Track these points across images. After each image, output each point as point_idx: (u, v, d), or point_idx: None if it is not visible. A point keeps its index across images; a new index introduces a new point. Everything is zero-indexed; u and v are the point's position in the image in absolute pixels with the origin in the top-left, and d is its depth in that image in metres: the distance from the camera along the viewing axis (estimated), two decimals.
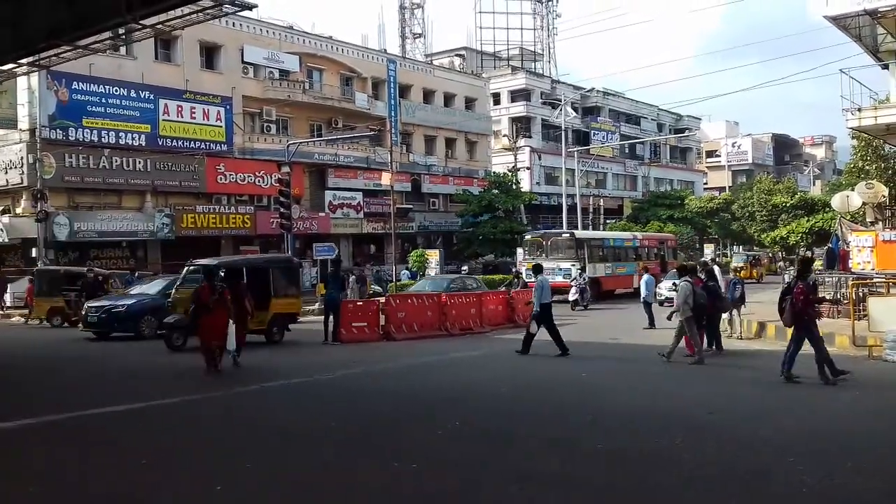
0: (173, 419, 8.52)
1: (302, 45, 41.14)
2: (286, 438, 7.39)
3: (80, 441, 7.45)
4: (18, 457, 6.81)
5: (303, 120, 41.04)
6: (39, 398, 9.98)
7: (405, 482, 5.87)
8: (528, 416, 8.60)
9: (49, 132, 30.21)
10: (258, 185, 37.13)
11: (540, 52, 70.29)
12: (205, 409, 9.18)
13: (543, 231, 37.27)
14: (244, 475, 6.03)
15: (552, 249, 31.21)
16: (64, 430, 7.91)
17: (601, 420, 8.25)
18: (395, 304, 18.28)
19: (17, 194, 31.17)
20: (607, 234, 41.07)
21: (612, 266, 32.91)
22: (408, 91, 47.86)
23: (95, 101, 31.65)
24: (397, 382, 11.58)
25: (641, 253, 35.36)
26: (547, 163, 57.35)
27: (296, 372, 12.35)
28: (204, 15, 15.51)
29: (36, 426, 8.00)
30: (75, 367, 13.81)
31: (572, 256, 29.88)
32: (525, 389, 10.74)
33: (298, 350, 16.14)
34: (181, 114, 34.64)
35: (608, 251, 33.63)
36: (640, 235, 38.20)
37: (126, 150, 32.48)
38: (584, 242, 31.88)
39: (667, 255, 36.73)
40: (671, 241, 39.70)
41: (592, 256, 31.12)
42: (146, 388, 10.62)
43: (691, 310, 12.88)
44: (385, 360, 14.17)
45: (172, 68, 34.92)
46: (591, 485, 5.82)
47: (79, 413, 8.62)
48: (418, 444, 7.13)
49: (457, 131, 51.00)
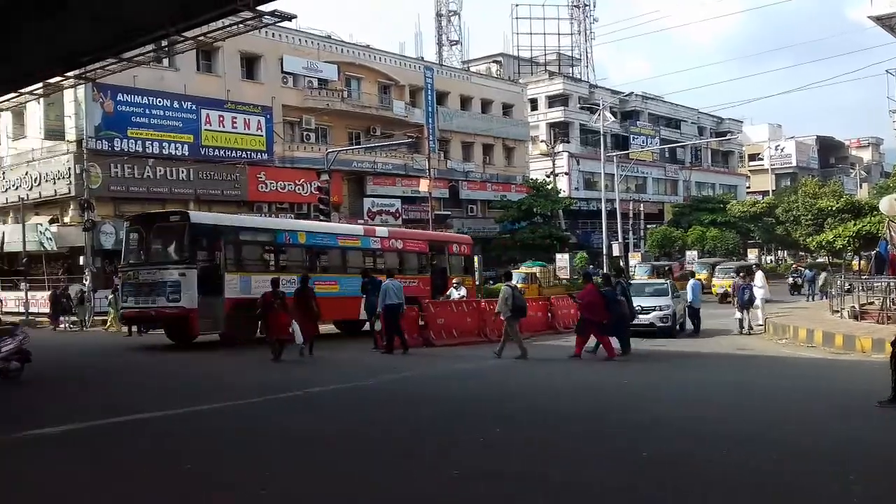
0: (214, 424, 8.59)
1: (340, 55, 41.51)
2: (327, 445, 7.39)
3: (129, 444, 7.54)
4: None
5: (341, 128, 41.38)
6: (119, 400, 10.15)
7: (446, 489, 5.81)
8: (567, 422, 8.48)
9: (95, 143, 30.93)
10: (298, 193, 37.50)
11: (577, 56, 69.92)
12: (246, 412, 9.23)
13: (148, 213, 22.35)
14: (288, 480, 6.03)
15: (156, 243, 18.62)
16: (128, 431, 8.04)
17: (652, 427, 8.11)
18: (435, 311, 18.25)
19: (65, 204, 31.92)
20: (291, 224, 23.92)
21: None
22: (445, 98, 47.93)
23: (139, 112, 32.32)
24: (437, 389, 11.54)
25: (389, 260, 22.28)
26: (586, 168, 56.96)
27: (338, 378, 12.43)
28: (244, 26, 15.69)
29: (99, 427, 8.13)
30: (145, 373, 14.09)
31: (185, 257, 17.39)
32: (564, 396, 10.63)
33: (340, 356, 16.20)
34: (223, 124, 35.20)
35: (290, 252, 20.34)
36: (384, 233, 23.75)
37: (169, 160, 33.07)
38: (212, 233, 18.05)
39: (453, 265, 24.70)
40: (465, 245, 26.10)
41: (241, 258, 18.71)
42: (190, 393, 10.74)
43: (511, 310, 14.83)
44: (424, 366, 14.17)
45: (214, 79, 35.48)
46: (637, 493, 5.71)
47: (135, 416, 8.76)
48: (460, 451, 7.07)
49: (494, 137, 50.91)
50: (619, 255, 44.55)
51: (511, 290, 15.32)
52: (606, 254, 43.81)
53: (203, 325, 17.19)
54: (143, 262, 18.25)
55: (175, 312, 16.85)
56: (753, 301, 20.25)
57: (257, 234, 19.87)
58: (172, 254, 17.87)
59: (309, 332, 15.27)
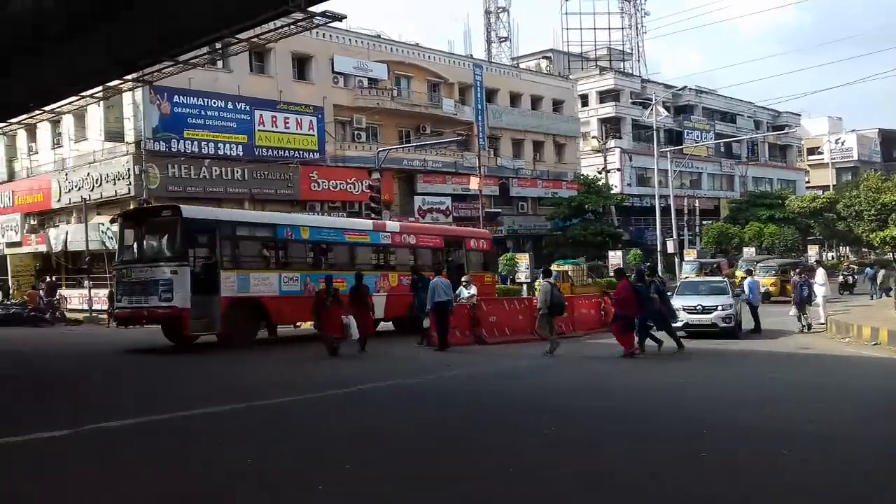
0: (272, 419, 8.67)
1: (390, 54, 41.71)
2: (382, 440, 7.39)
3: (182, 437, 7.66)
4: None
5: (392, 127, 41.59)
6: (163, 397, 10.36)
7: (497, 487, 5.75)
8: (618, 421, 8.32)
9: (153, 144, 31.69)
10: (350, 191, 37.81)
11: (629, 51, 68.92)
12: (297, 410, 9.30)
13: (140, 208, 22.65)
14: (344, 476, 6.04)
15: (148, 240, 17.77)
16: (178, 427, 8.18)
17: (704, 430, 7.90)
18: (487, 308, 18.18)
19: (125, 204, 32.67)
20: (293, 218, 22.61)
21: (310, 276, 18.31)
22: (494, 95, 47.75)
23: (195, 113, 32.98)
24: (489, 386, 11.48)
25: (401, 256, 21.72)
26: (638, 163, 56.17)
27: (393, 374, 12.49)
28: (296, 27, 15.85)
29: (155, 423, 8.29)
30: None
31: (177, 254, 16.42)
32: (616, 395, 10.46)
33: (391, 353, 16.26)
34: (275, 124, 35.69)
35: (292, 248, 19.09)
36: (395, 227, 22.50)
37: (225, 160, 33.67)
38: (207, 228, 17.13)
39: (471, 261, 23.32)
40: (484, 240, 24.91)
41: (238, 255, 17.52)
42: (245, 389, 10.88)
43: (548, 307, 15.06)
44: (476, 363, 14.12)
45: (266, 80, 36.00)
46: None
47: (192, 412, 8.90)
48: (513, 450, 6.99)
49: (544, 134, 50.53)
50: (673, 252, 43.78)
51: (550, 287, 15.36)
52: (661, 251, 43.12)
53: (197, 326, 16.31)
54: (135, 259, 17.39)
55: (167, 312, 15.99)
56: (812, 299, 19.72)
57: (256, 230, 18.76)
58: (165, 251, 16.92)
59: (363, 329, 15.42)
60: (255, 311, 17.22)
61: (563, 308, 15.84)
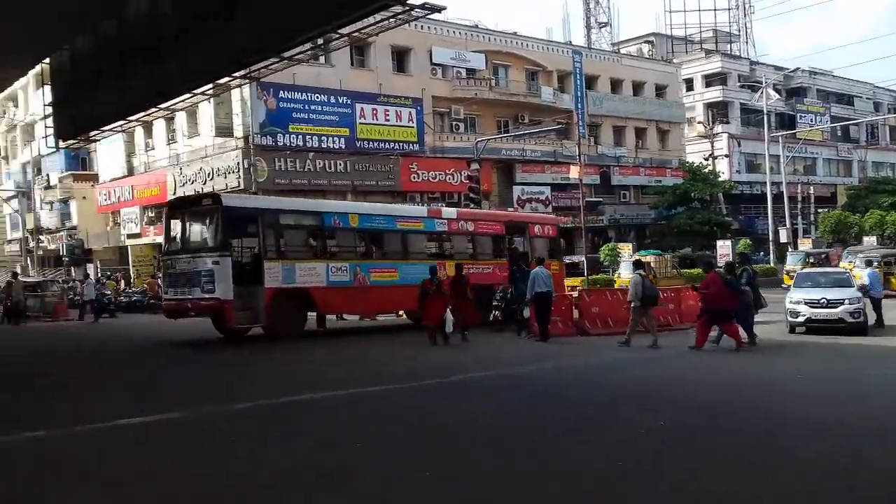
0: (365, 408, 8.80)
1: (487, 43, 41.61)
2: (485, 430, 7.37)
3: (284, 424, 7.88)
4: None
5: (490, 117, 41.52)
6: (264, 385, 10.72)
7: (612, 478, 5.62)
8: (728, 417, 7.99)
9: (260, 139, 32.87)
10: (449, 182, 38.04)
11: (735, 32, 66.12)
12: (394, 399, 9.39)
13: (183, 197, 22.56)
14: (448, 464, 6.05)
15: (191, 230, 17.38)
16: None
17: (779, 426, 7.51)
18: (590, 299, 17.88)
19: None
20: (340, 205, 22.40)
21: (360, 266, 17.93)
22: (594, 82, 46.90)
23: (299, 108, 33.97)
24: (593, 378, 11.28)
25: (458, 244, 20.84)
26: (747, 149, 53.95)
27: (494, 365, 12.47)
28: (396, 20, 15.98)
29: (245, 410, 8.58)
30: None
31: (219, 244, 15.91)
32: (724, 389, 10.07)
33: (492, 343, 16.26)
34: (376, 116, 36.32)
35: (341, 237, 18.45)
36: (452, 214, 21.29)
37: (328, 153, 34.57)
38: (249, 218, 16.77)
39: (536, 248, 21.44)
40: (550, 226, 23.54)
41: (283, 244, 17.06)
42: (341, 377, 11.10)
43: (640, 299, 14.68)
44: (579, 355, 13.92)
45: (366, 73, 36.64)
46: None
47: (297, 397, 9.18)
48: (619, 443, 6.83)
49: (647, 120, 49.23)
50: (786, 242, 41.85)
51: (641, 279, 15.03)
52: (773, 240, 41.32)
53: (240, 318, 15.85)
54: (179, 250, 17.00)
55: (210, 304, 15.59)
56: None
57: (301, 218, 18.12)
58: (207, 241, 16.45)
59: (464, 318, 15.59)
60: (302, 302, 16.81)
61: (656, 299, 15.38)
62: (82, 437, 7.28)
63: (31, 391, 10.62)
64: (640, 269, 15.86)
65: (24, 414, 8.56)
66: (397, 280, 18.14)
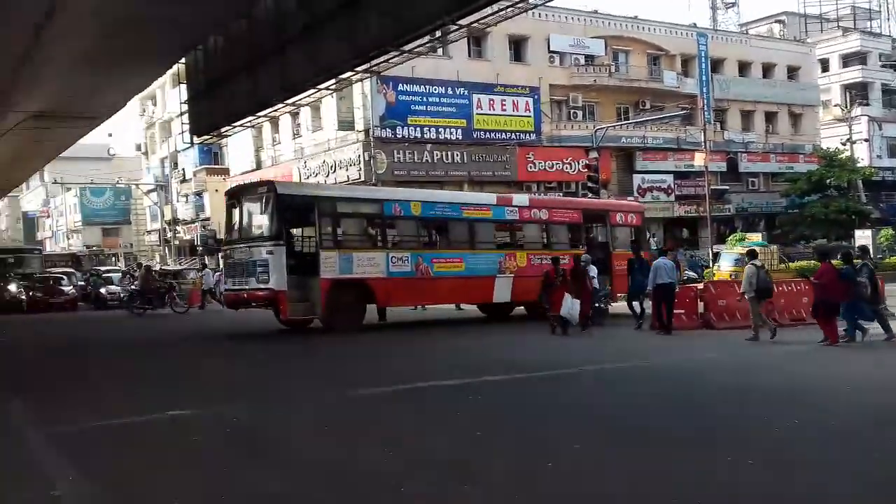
0: (494, 395, 8.81)
1: (607, 28, 40.76)
2: (602, 423, 7.23)
3: (419, 408, 8.02)
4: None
5: (609, 104, 40.67)
6: (388, 372, 11.00)
7: (735, 478, 5.38)
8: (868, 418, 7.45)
9: (380, 132, 33.60)
10: (566, 171, 37.59)
11: (876, 9, 61.58)
12: (519, 389, 9.36)
13: (241, 185, 21.82)
14: (572, 456, 5.97)
15: (247, 219, 16.92)
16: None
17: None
18: (716, 291, 17.18)
19: None
20: (402, 193, 20.58)
21: (422, 256, 17.21)
22: (720, 65, 45.06)
23: (418, 100, 34.49)
24: (724, 375, 10.83)
25: (530, 233, 19.77)
26: (890, 133, 50.36)
27: (615, 357, 12.22)
28: (514, 9, 15.88)
29: (389, 393, 8.80)
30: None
31: (273, 233, 15.49)
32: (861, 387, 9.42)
33: (614, 334, 15.99)
34: (493, 107, 36.35)
35: (402, 226, 17.83)
36: (523, 201, 20.26)
37: (445, 144, 34.95)
38: (304, 206, 16.23)
39: (617, 238, 20.58)
40: (633, 214, 22.00)
41: (340, 234, 16.45)
42: (468, 365, 11.17)
43: (754, 291, 14.03)
44: (703, 349, 13.41)
45: (483, 64, 36.69)
46: None
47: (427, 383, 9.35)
48: (756, 441, 6.51)
49: (778, 104, 46.82)
50: None
51: (756, 270, 14.34)
52: None
53: (295, 309, 15.49)
54: (238, 239, 16.71)
55: (265, 295, 15.32)
56: None
57: (360, 206, 17.50)
58: (261, 230, 15.94)
59: (584, 310, 15.53)
60: (360, 294, 16.26)
61: (770, 292, 14.67)
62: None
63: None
64: (756, 259, 15.17)
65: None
66: (463, 271, 17.58)
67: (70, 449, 6.29)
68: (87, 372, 11.61)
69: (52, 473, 5.50)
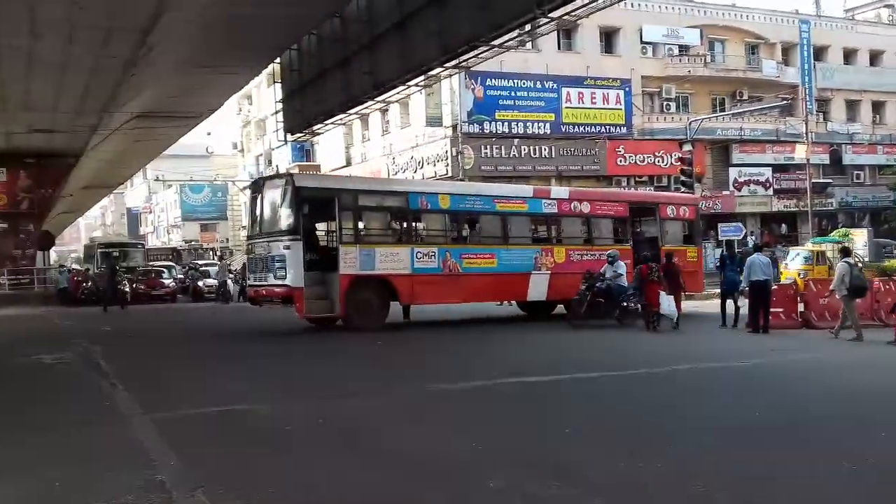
0: (588, 393, 8.69)
1: (702, 17, 39.59)
2: (713, 424, 7.01)
3: (506, 401, 7.99)
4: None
5: (703, 95, 39.51)
6: (483, 366, 11.02)
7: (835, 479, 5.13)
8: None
9: (468, 127, 33.65)
10: (658, 165, 36.74)
11: None
12: (612, 387, 9.20)
13: (262, 177, 20.24)
14: (668, 454, 5.81)
15: (266, 212, 16.12)
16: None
17: None
18: (817, 289, 16.42)
19: None
20: (429, 185, 20.54)
21: (450, 252, 16.43)
22: (824, 53, 43.09)
23: (506, 95, 34.36)
24: (820, 375, 10.36)
25: (569, 227, 18.70)
26: None
27: (705, 356, 11.88)
28: (607, 0, 15.61)
29: (476, 388, 8.81)
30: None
31: (290, 227, 14.87)
32: None
33: (704, 333, 15.55)
34: (582, 100, 35.85)
35: (429, 220, 17.14)
36: (562, 194, 19.39)
37: (532, 139, 34.69)
38: (323, 199, 15.59)
39: (668, 232, 19.66)
40: (686, 206, 20.66)
41: (362, 228, 15.99)
42: (558, 362, 11.05)
43: (847, 289, 13.56)
44: (802, 349, 12.88)
45: (573, 56, 36.24)
46: None
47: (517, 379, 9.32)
48: (855, 443, 6.19)
49: (887, 93, 44.42)
50: None
51: (849, 267, 13.79)
52: None
53: (313, 307, 14.90)
54: (258, 234, 16.16)
55: (282, 291, 14.77)
56: None
57: (384, 199, 16.69)
58: (279, 224, 15.26)
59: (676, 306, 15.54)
60: (382, 291, 15.53)
61: (864, 290, 14.16)
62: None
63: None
64: (848, 257, 14.47)
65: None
66: (495, 268, 16.81)
67: (171, 435, 6.55)
68: (184, 360, 12.11)
69: (156, 458, 5.73)
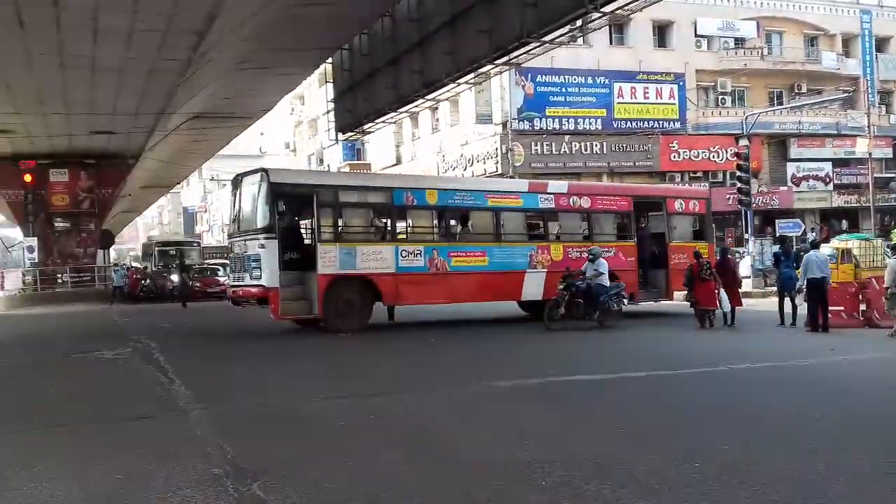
0: (639, 391, 8.59)
1: (759, 9, 38.72)
2: (768, 423, 6.86)
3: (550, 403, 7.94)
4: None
5: (760, 88, 38.67)
6: (526, 364, 10.99)
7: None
8: None
9: (518, 124, 33.51)
10: (713, 160, 36.12)
11: None
12: (665, 386, 9.07)
13: (241, 173, 17.07)
14: (719, 453, 5.71)
15: (244, 210, 15.57)
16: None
17: None
18: (880, 287, 15.89)
19: None
20: (415, 180, 20.29)
21: (437, 250, 15.68)
22: (887, 44, 41.84)
23: (556, 91, 34.16)
24: (883, 372, 10.05)
25: (567, 223, 18.01)
26: None
27: (763, 355, 11.59)
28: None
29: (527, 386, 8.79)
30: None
31: (266, 225, 14.28)
32: None
33: (758, 330, 15.25)
34: (634, 95, 35.42)
35: (415, 216, 16.40)
36: (560, 188, 18.36)
37: (584, 135, 34.41)
38: (300, 195, 15.07)
39: (676, 228, 18.76)
40: (696, 201, 19.83)
41: (342, 225, 15.24)
42: (608, 362, 10.96)
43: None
44: (864, 349, 12.51)
45: (625, 51, 35.78)
46: None
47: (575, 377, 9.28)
48: None
49: None
50: None
51: None
52: None
53: (289, 308, 14.36)
54: (235, 231, 15.76)
55: (257, 292, 14.32)
56: None
57: (366, 195, 16.04)
58: (255, 222, 14.71)
59: (734, 303, 15.45)
60: (365, 291, 14.93)
61: None
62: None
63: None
64: None
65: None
66: (487, 266, 16.08)
67: (227, 429, 6.69)
68: (240, 356, 12.31)
69: (213, 451, 5.85)
